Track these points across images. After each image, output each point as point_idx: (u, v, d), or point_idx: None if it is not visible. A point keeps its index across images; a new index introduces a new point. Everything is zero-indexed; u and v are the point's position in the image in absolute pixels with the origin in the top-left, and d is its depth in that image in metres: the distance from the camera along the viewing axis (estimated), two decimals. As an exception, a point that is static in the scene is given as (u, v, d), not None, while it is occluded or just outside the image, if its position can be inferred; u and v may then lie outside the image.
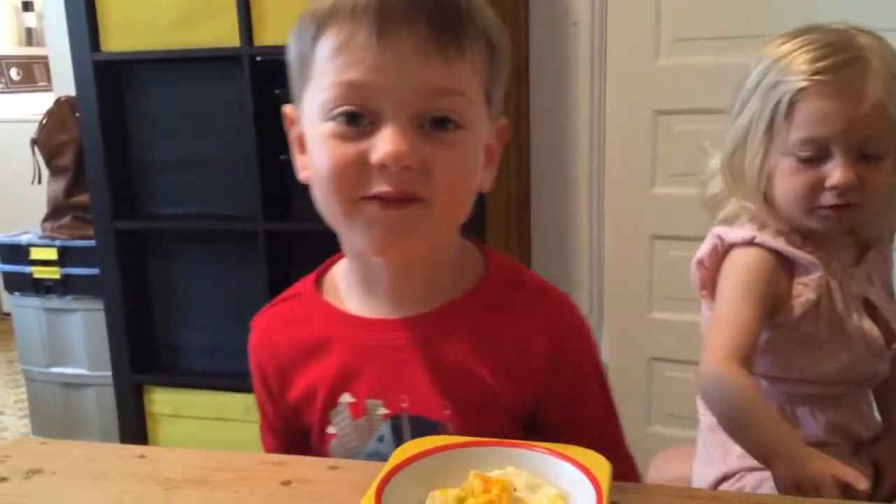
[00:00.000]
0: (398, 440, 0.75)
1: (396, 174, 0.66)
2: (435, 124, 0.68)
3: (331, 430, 0.78)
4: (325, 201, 0.71)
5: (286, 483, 0.70)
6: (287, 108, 0.76)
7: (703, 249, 1.05)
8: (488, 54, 0.71)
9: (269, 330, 0.82)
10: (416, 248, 0.72)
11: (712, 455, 1.07)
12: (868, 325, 1.01)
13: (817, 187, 0.96)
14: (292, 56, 0.73)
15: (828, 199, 0.96)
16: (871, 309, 1.03)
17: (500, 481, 0.61)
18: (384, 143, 0.65)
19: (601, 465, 0.61)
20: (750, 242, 0.99)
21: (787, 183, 0.98)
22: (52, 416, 2.44)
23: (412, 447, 0.65)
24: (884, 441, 1.07)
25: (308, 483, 0.70)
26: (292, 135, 0.76)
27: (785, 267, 1.00)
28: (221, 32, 1.86)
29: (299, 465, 0.73)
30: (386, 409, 0.75)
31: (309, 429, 0.80)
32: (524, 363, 0.75)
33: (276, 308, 0.83)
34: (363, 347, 0.76)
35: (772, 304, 0.98)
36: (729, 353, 0.92)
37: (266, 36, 1.85)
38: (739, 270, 0.99)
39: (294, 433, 0.82)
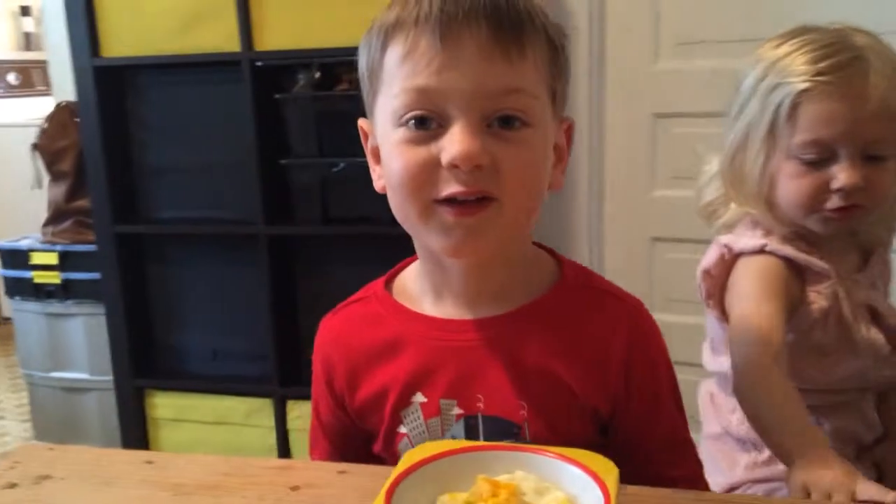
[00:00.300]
0: (472, 440, 0.75)
1: (467, 174, 0.67)
2: (502, 123, 0.69)
3: (402, 429, 0.78)
4: (399, 206, 0.72)
5: (294, 488, 0.70)
6: (361, 122, 0.79)
7: (709, 259, 1.03)
8: (550, 53, 0.72)
9: (340, 331, 0.82)
10: (489, 248, 0.72)
11: (719, 465, 1.06)
12: (874, 333, 1.01)
13: (822, 190, 0.95)
14: (362, 69, 0.75)
15: (834, 201, 0.95)
16: (875, 316, 1.02)
17: (509, 485, 0.61)
18: (454, 144, 0.67)
19: (609, 470, 0.62)
20: (760, 251, 0.98)
21: (791, 185, 0.97)
22: (54, 420, 2.44)
23: (421, 452, 0.65)
24: (885, 443, 1.07)
25: (316, 488, 0.70)
26: (368, 147, 0.78)
27: (796, 274, 0.99)
28: (221, 37, 1.87)
29: (307, 469, 0.73)
30: (460, 409, 0.76)
31: (373, 432, 0.80)
32: (602, 365, 0.76)
33: (348, 310, 0.84)
34: (437, 348, 0.76)
35: (788, 308, 0.97)
36: (762, 350, 0.90)
37: (266, 40, 1.86)
38: (754, 275, 0.97)
39: (351, 438, 0.83)
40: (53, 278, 2.30)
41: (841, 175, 0.93)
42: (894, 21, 1.71)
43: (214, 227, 2.04)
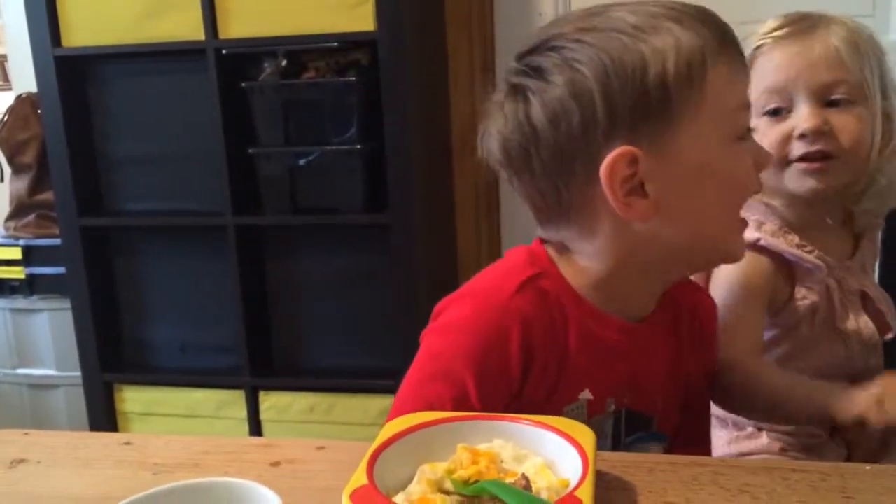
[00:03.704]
0: (617, 435, 0.81)
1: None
2: None
3: None
4: (720, 218, 0.77)
5: (275, 464, 0.70)
6: (629, 150, 0.71)
7: None
8: None
9: (539, 307, 0.75)
10: None
11: None
12: (864, 323, 1.01)
13: (786, 139, 0.96)
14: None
15: (798, 148, 0.96)
16: (865, 301, 1.03)
17: (488, 453, 0.62)
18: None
19: (586, 434, 0.63)
20: (753, 245, 0.97)
21: (760, 142, 0.97)
22: (21, 418, 2.40)
23: (400, 423, 0.66)
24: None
25: (296, 463, 0.71)
26: (619, 177, 0.72)
27: (785, 270, 0.99)
28: (186, 25, 1.85)
29: (287, 446, 0.73)
30: (616, 405, 0.80)
31: None
32: (705, 348, 0.87)
33: (536, 288, 0.76)
34: (607, 347, 0.78)
35: (770, 307, 0.99)
36: (748, 354, 0.95)
37: (231, 28, 1.84)
38: (737, 278, 0.98)
39: None
40: (17, 273, 2.26)
41: (800, 119, 0.95)
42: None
43: (181, 218, 2.03)
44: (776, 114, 0.97)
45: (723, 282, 1.00)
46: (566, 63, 0.72)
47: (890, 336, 1.05)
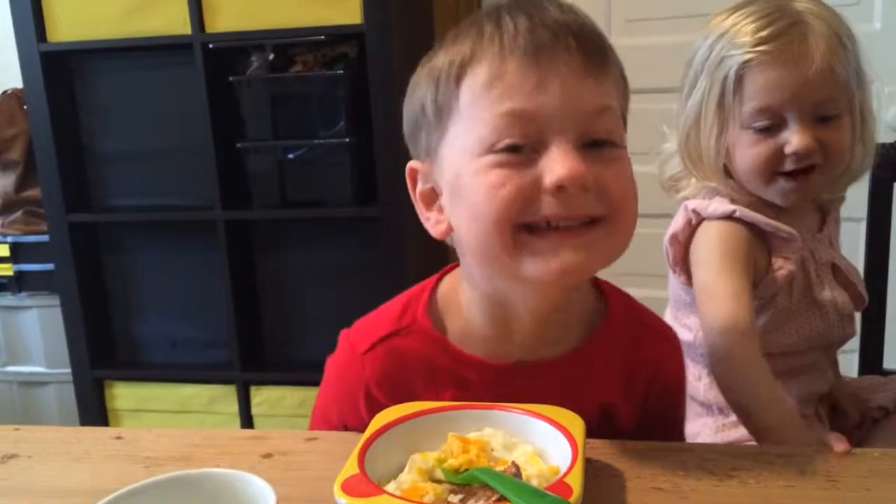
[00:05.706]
0: None
1: (572, 196, 0.64)
2: (594, 146, 0.67)
3: None
4: (482, 238, 0.67)
5: (266, 455, 0.71)
6: (413, 164, 0.74)
7: (677, 224, 1.04)
8: (621, 79, 0.72)
9: (385, 369, 0.75)
10: (597, 269, 0.71)
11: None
12: (837, 292, 1.03)
13: (777, 155, 0.96)
14: (421, 108, 0.72)
15: (789, 164, 0.96)
16: (836, 273, 1.05)
17: (479, 442, 0.63)
18: (560, 165, 0.64)
19: (575, 422, 0.64)
20: (729, 217, 0.98)
21: (747, 154, 0.98)
22: (11, 415, 2.39)
23: (391, 413, 0.66)
24: (837, 383, 1.10)
25: (288, 454, 0.71)
26: (417, 191, 0.74)
27: (761, 241, 1.00)
28: (172, 19, 1.84)
29: (278, 438, 0.74)
30: None
31: None
32: (637, 392, 0.79)
33: (389, 344, 0.76)
34: (497, 393, 0.71)
35: (751, 276, 0.98)
36: (732, 326, 0.92)
37: (218, 22, 1.84)
38: (716, 242, 0.98)
39: None
40: (6, 270, 2.25)
41: (793, 139, 0.94)
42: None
43: (170, 213, 2.01)
44: (765, 130, 0.96)
45: (701, 246, 1.00)
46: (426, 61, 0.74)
47: (862, 307, 1.07)
